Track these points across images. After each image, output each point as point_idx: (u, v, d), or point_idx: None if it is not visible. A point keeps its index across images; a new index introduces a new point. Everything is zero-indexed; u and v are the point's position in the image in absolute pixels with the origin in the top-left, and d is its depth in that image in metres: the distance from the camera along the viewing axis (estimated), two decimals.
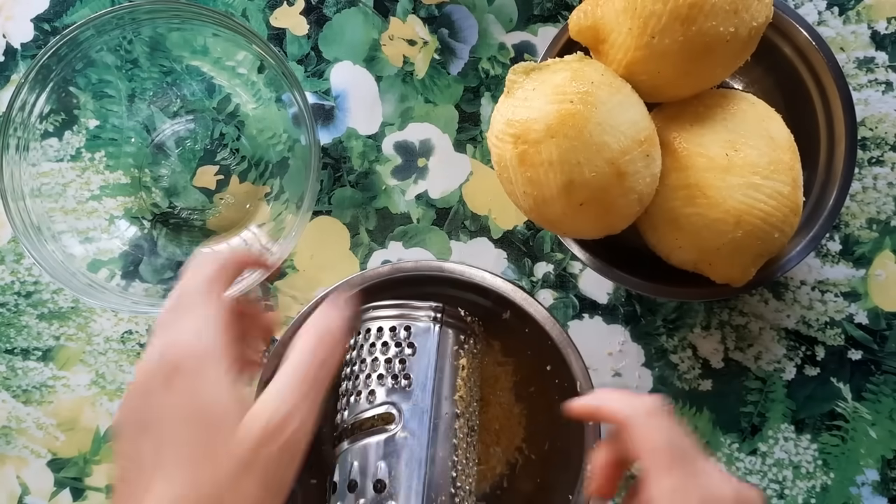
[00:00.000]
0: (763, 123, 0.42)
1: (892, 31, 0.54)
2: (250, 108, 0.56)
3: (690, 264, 0.43)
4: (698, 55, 0.40)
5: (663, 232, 0.43)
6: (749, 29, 0.39)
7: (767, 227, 0.40)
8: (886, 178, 0.53)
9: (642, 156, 0.39)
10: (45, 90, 0.51)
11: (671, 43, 0.39)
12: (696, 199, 0.40)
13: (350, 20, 0.57)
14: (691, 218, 0.41)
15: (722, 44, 0.39)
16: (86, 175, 0.54)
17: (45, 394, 0.57)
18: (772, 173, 0.40)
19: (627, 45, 0.40)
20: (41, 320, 0.57)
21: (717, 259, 0.42)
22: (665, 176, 0.42)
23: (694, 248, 0.42)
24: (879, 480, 0.52)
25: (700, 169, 0.41)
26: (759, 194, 0.40)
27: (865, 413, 0.53)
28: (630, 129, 0.39)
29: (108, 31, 0.51)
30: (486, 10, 0.56)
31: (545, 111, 0.38)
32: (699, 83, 0.42)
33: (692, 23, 0.38)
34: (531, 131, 0.38)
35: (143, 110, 0.56)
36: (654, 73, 0.40)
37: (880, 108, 0.53)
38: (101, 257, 0.53)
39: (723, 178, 0.40)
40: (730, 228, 0.40)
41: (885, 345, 0.53)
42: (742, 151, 0.40)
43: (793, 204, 0.41)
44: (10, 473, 0.57)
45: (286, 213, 0.54)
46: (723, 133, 0.41)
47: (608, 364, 0.54)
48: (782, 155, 0.41)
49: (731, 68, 0.42)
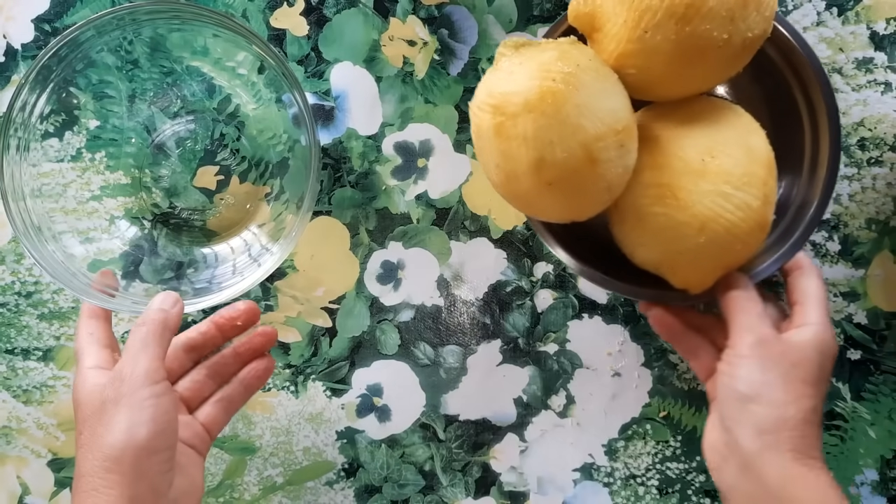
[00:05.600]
0: (745, 136, 0.42)
1: (890, 31, 0.54)
2: (250, 108, 0.56)
3: (652, 264, 0.43)
4: (689, 57, 0.39)
5: (630, 227, 0.43)
6: (743, 39, 0.39)
7: (730, 238, 0.40)
8: (885, 178, 0.53)
9: (617, 145, 0.39)
10: (45, 91, 0.51)
11: (663, 41, 0.39)
12: (666, 200, 0.40)
13: (350, 21, 0.57)
14: (658, 217, 0.41)
15: (714, 49, 0.39)
16: (86, 175, 0.54)
17: (46, 394, 0.57)
18: (744, 185, 0.40)
19: (620, 36, 0.40)
20: (41, 320, 0.57)
21: (677, 262, 0.42)
22: (639, 172, 0.41)
23: (656, 248, 0.42)
24: (878, 480, 0.52)
25: (675, 170, 0.41)
26: (727, 203, 0.40)
27: (864, 413, 0.53)
28: (608, 116, 0.38)
29: (109, 31, 0.51)
30: (485, 10, 0.56)
31: (527, 86, 0.38)
32: (688, 86, 0.42)
33: (687, 23, 0.38)
34: (510, 104, 0.38)
35: (144, 111, 0.56)
36: (644, 68, 0.40)
37: (879, 109, 0.53)
38: (101, 257, 0.53)
39: (695, 183, 0.40)
40: (693, 233, 0.40)
41: (883, 345, 0.53)
42: (718, 159, 0.40)
43: (760, 219, 0.41)
44: (10, 473, 0.57)
45: (286, 213, 0.54)
46: (703, 139, 0.41)
47: (608, 364, 0.54)
48: (758, 169, 0.41)
49: (722, 76, 0.42)
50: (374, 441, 0.55)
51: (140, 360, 0.40)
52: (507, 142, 0.38)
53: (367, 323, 0.56)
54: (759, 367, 0.40)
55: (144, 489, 0.38)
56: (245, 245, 0.55)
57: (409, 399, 0.55)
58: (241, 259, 0.54)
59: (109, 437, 0.38)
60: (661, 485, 0.54)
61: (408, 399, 0.55)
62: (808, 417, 0.39)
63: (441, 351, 0.55)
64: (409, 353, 0.56)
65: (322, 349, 0.56)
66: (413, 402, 0.55)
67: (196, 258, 0.55)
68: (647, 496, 0.54)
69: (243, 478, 0.56)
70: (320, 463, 0.56)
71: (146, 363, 0.40)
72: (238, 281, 0.51)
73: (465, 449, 0.55)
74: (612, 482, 0.54)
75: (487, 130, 0.39)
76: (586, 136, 0.38)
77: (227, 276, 0.53)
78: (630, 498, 0.54)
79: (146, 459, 0.38)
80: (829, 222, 0.54)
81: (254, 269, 0.52)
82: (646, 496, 0.54)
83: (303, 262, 0.56)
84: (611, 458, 0.54)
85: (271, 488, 0.56)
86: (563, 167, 0.38)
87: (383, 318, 0.56)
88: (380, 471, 0.55)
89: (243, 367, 0.48)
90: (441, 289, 0.56)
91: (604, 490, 0.54)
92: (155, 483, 0.39)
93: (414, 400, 0.55)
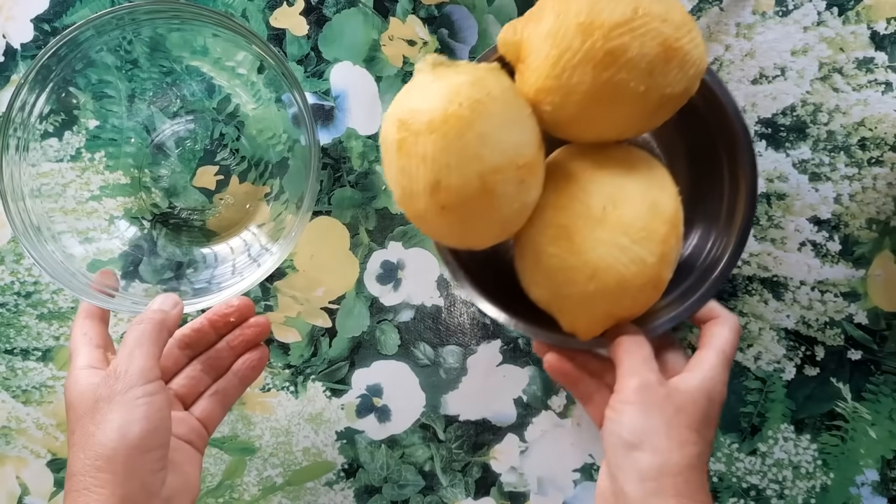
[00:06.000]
0: (653, 190, 0.41)
1: (891, 31, 0.54)
2: (250, 108, 0.56)
3: (544, 303, 0.43)
4: (604, 104, 0.39)
5: (527, 263, 0.42)
6: (661, 94, 0.39)
7: (621, 291, 0.40)
8: (886, 178, 0.53)
9: (516, 180, 0.38)
10: (44, 90, 0.51)
11: (579, 83, 0.38)
12: (561, 241, 0.40)
13: (350, 20, 0.57)
14: (551, 258, 0.40)
15: (630, 99, 0.38)
16: (86, 175, 0.54)
17: (45, 394, 0.57)
18: (642, 239, 0.39)
19: (541, 71, 0.39)
20: (41, 320, 0.57)
21: (565, 305, 0.41)
22: (543, 209, 0.41)
23: (548, 288, 0.42)
24: (879, 480, 0.52)
25: (575, 213, 0.40)
26: (622, 256, 0.39)
27: (865, 413, 0.53)
28: (511, 150, 0.38)
29: (108, 31, 0.51)
30: (485, 10, 0.56)
31: (434, 106, 0.37)
32: (601, 132, 0.42)
33: (604, 69, 0.38)
34: (415, 121, 0.37)
35: (143, 110, 0.56)
36: (559, 106, 0.40)
37: (880, 109, 0.53)
38: (101, 257, 0.53)
39: (592, 229, 0.39)
40: (583, 279, 0.39)
41: (884, 345, 0.53)
42: (620, 209, 0.39)
43: (654, 276, 0.40)
44: (9, 473, 0.57)
45: (286, 213, 0.54)
46: (610, 187, 0.40)
47: None
48: (659, 226, 0.40)
49: (638, 128, 0.42)
50: (373, 441, 0.55)
51: (135, 358, 0.40)
52: (407, 158, 0.38)
53: (366, 323, 0.56)
54: (643, 413, 0.38)
55: (136, 488, 0.38)
56: (245, 245, 0.55)
57: (409, 399, 0.55)
58: (241, 259, 0.54)
59: (101, 436, 0.38)
60: None
61: (408, 399, 0.55)
62: (692, 463, 0.38)
63: (441, 351, 0.55)
64: (409, 353, 0.55)
65: (322, 349, 0.56)
66: (413, 402, 0.55)
67: (196, 258, 0.55)
68: None
69: (243, 478, 0.56)
70: (320, 463, 0.56)
71: (141, 361, 0.40)
72: (238, 281, 0.51)
73: (465, 449, 0.55)
74: None
75: (391, 144, 0.39)
76: (484, 167, 0.37)
77: (226, 276, 0.53)
78: None
79: (138, 458, 0.38)
80: (830, 222, 0.54)
81: (253, 269, 0.52)
82: None
83: (302, 263, 0.56)
84: None
85: (271, 489, 0.56)
86: (458, 194, 0.37)
87: (383, 319, 0.56)
88: (380, 471, 0.55)
89: (237, 359, 0.48)
90: (441, 289, 0.56)
91: None
92: (147, 482, 0.39)
93: (414, 400, 0.55)
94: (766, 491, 0.53)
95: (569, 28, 0.38)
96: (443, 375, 0.55)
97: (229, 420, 0.56)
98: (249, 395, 0.56)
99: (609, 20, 0.37)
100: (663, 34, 0.37)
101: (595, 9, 0.38)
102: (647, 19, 0.37)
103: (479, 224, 0.39)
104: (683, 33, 0.38)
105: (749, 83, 0.54)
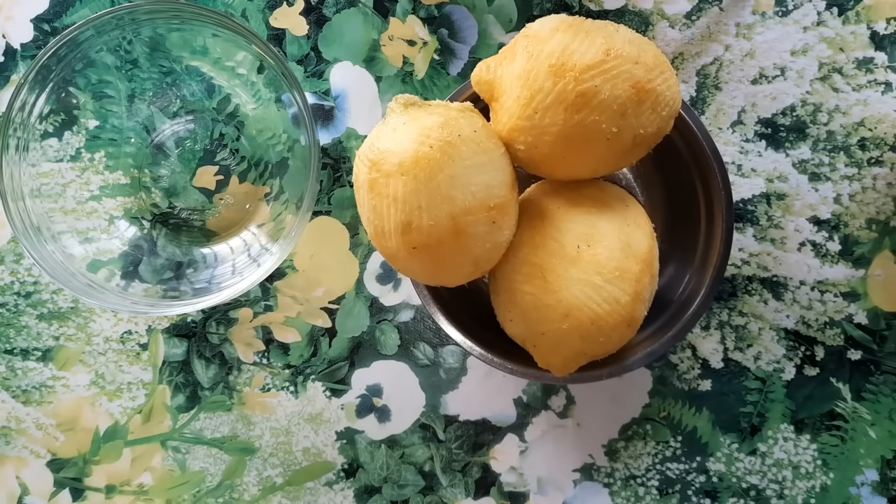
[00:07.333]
0: (627, 229, 0.41)
1: (891, 31, 0.54)
2: (250, 108, 0.56)
3: (520, 339, 0.43)
4: (576, 144, 0.39)
5: (502, 300, 0.43)
6: (635, 135, 0.39)
7: (594, 329, 0.40)
8: (886, 178, 0.53)
9: (487, 221, 0.38)
10: (44, 90, 0.51)
11: (551, 124, 0.38)
12: (535, 280, 0.40)
13: (350, 20, 0.57)
14: (526, 296, 0.40)
15: (602, 140, 0.39)
16: (85, 175, 0.54)
17: (45, 394, 0.57)
18: (615, 279, 0.39)
19: (513, 111, 0.39)
20: (41, 320, 0.57)
21: (540, 343, 0.42)
22: (518, 247, 0.41)
23: (523, 325, 0.42)
24: (879, 480, 0.52)
25: (549, 252, 0.40)
26: (595, 295, 0.39)
27: (865, 413, 0.53)
28: (482, 191, 0.38)
29: (108, 31, 0.51)
30: (485, 10, 0.56)
31: (404, 147, 0.37)
32: (574, 171, 0.42)
33: (576, 111, 0.38)
34: (386, 162, 0.38)
35: (143, 110, 0.56)
36: (532, 146, 0.40)
37: (880, 109, 0.53)
38: (100, 257, 0.53)
39: (566, 269, 0.40)
40: (557, 317, 0.40)
41: (884, 345, 0.53)
42: (594, 249, 0.40)
43: (628, 315, 0.40)
44: (9, 473, 0.57)
45: (286, 213, 0.54)
46: (583, 226, 0.41)
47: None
48: (633, 265, 0.40)
49: (612, 167, 0.42)
50: (373, 441, 0.55)
51: None
52: (378, 198, 0.38)
53: (366, 323, 0.56)
54: None
55: None
56: (244, 245, 0.55)
57: (409, 399, 0.55)
58: (241, 259, 0.54)
59: None
60: (661, 485, 0.54)
61: (407, 399, 0.55)
62: None
63: (441, 351, 0.55)
64: (408, 353, 0.55)
65: (321, 349, 0.56)
66: (413, 402, 0.55)
67: (195, 258, 0.55)
68: (648, 497, 0.54)
69: (243, 478, 0.56)
70: (320, 463, 0.56)
71: None
72: (237, 281, 0.51)
73: (465, 449, 0.55)
74: (612, 483, 0.54)
75: (363, 183, 0.39)
76: (455, 208, 0.37)
77: (226, 276, 0.53)
78: (630, 498, 0.54)
79: None
80: (830, 222, 0.54)
81: (253, 269, 0.52)
82: (646, 497, 0.54)
83: (302, 263, 0.56)
84: (611, 459, 0.54)
85: (271, 489, 0.56)
86: (429, 234, 0.38)
87: (383, 319, 0.56)
88: (379, 471, 0.55)
89: None
90: None
91: (604, 490, 0.54)
92: None
93: (414, 400, 0.55)
94: (765, 491, 0.53)
95: (541, 69, 0.38)
96: (443, 375, 0.55)
97: (229, 420, 0.56)
98: (249, 394, 0.56)
99: (580, 62, 0.37)
100: (635, 76, 0.38)
101: (567, 50, 0.38)
102: (619, 61, 0.38)
103: (451, 263, 0.39)
104: (656, 75, 0.38)
105: (749, 83, 0.54)
